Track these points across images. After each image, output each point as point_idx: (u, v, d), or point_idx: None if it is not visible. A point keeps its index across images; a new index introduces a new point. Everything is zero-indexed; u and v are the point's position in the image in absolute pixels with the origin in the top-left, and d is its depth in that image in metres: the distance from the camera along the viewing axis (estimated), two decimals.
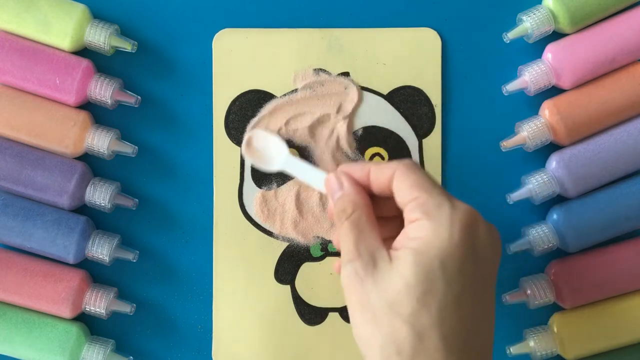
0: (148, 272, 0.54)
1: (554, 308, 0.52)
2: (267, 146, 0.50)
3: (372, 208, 0.42)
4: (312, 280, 0.53)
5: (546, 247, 0.51)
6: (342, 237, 0.41)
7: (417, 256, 0.37)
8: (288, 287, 0.53)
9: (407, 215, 0.40)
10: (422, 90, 0.53)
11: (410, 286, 0.37)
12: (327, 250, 0.53)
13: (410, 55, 0.53)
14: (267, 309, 0.53)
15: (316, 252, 0.53)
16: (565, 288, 0.51)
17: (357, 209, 0.41)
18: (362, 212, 0.41)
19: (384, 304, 0.37)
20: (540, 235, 0.51)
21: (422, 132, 0.53)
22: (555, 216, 0.51)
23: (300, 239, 0.53)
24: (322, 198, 0.53)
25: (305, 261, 0.53)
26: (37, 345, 0.50)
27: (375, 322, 0.37)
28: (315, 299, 0.53)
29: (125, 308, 0.52)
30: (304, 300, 0.53)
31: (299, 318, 0.53)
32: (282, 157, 0.48)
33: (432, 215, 0.38)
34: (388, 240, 0.41)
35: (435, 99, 0.53)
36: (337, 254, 0.53)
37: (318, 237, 0.53)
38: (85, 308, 0.51)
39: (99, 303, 0.51)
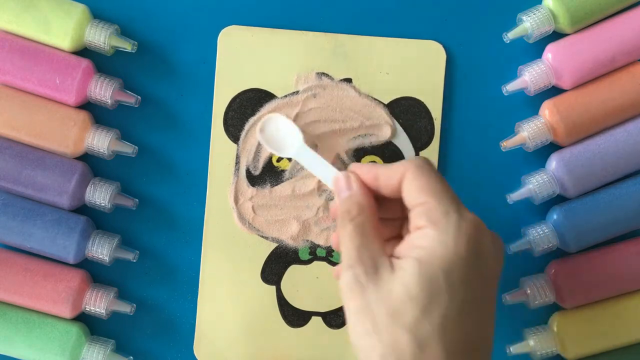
0: (148, 272, 0.54)
1: (554, 308, 0.52)
2: (282, 131, 0.50)
3: (377, 213, 0.42)
4: (298, 282, 0.53)
5: (546, 247, 0.51)
6: (344, 240, 0.40)
7: (421, 266, 0.37)
8: (273, 287, 0.53)
9: (413, 221, 0.39)
10: (423, 102, 0.53)
11: (413, 296, 0.36)
12: (315, 254, 0.53)
13: (414, 66, 0.53)
14: (251, 307, 0.53)
15: (304, 255, 0.53)
16: (565, 288, 0.51)
17: (363, 212, 0.41)
18: (367, 216, 0.41)
19: (385, 312, 0.37)
20: (540, 235, 0.51)
21: (419, 144, 0.53)
22: (555, 216, 0.51)
23: (289, 241, 0.53)
24: (315, 202, 0.53)
25: (292, 263, 0.53)
26: (37, 345, 0.50)
27: (375, 331, 0.37)
28: (299, 302, 0.53)
29: (125, 308, 0.52)
30: (288, 302, 0.53)
31: (281, 319, 0.53)
32: (296, 145, 0.49)
33: (439, 224, 0.38)
34: (387, 242, 0.41)
35: (436, 112, 0.53)
36: (325, 259, 0.53)
37: (307, 240, 0.53)
38: (85, 308, 0.51)
39: (99, 303, 0.51)
